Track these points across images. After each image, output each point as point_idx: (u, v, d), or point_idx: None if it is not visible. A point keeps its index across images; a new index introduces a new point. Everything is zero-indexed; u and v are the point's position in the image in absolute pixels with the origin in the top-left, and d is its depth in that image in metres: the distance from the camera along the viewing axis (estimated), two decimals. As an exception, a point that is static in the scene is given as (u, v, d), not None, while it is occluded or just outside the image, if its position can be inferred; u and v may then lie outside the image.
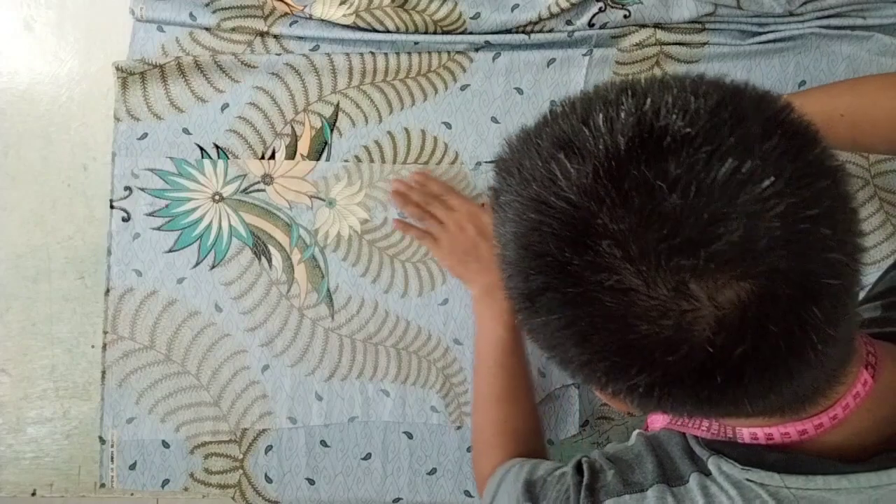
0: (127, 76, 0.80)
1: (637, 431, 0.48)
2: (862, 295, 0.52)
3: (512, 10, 0.80)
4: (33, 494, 0.81)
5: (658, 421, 0.51)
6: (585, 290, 0.29)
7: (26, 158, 0.81)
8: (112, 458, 0.79)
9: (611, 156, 0.28)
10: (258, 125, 0.81)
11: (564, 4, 0.78)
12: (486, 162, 0.82)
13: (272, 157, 0.81)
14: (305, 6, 0.80)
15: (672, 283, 0.27)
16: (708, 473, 0.41)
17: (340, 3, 0.80)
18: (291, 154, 0.81)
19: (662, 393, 0.31)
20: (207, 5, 0.81)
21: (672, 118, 0.28)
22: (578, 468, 0.47)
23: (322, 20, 0.80)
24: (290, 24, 0.81)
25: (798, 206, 0.27)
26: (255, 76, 0.81)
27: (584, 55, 0.81)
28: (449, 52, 0.82)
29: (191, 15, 0.81)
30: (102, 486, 0.80)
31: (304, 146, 0.81)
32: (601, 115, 0.29)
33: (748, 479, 0.39)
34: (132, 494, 0.81)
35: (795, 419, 0.38)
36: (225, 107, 0.81)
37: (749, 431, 0.40)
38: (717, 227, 0.27)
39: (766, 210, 0.27)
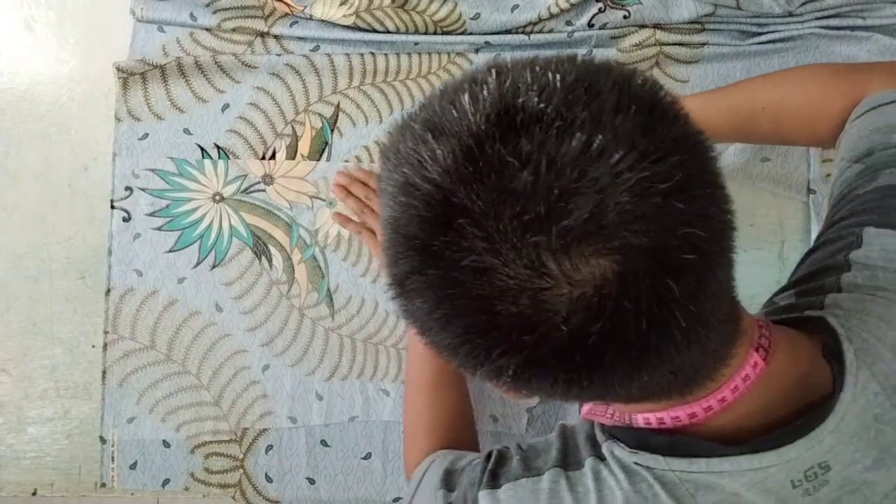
0: (128, 76, 0.80)
1: (560, 422, 0.49)
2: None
3: (512, 10, 0.80)
4: (34, 494, 0.81)
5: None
6: (446, 272, 0.29)
7: (27, 158, 0.81)
8: (112, 457, 0.79)
9: (471, 134, 0.28)
10: (259, 125, 0.81)
11: (564, 5, 0.78)
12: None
13: (273, 157, 0.81)
14: (305, 7, 0.80)
15: (527, 261, 0.27)
16: (603, 458, 0.42)
17: (340, 4, 0.80)
18: (292, 154, 0.81)
19: (529, 375, 0.30)
20: (208, 6, 0.81)
21: (529, 95, 0.28)
22: (489, 456, 0.48)
23: (322, 21, 0.80)
24: (291, 25, 0.82)
25: (650, 180, 0.27)
26: (255, 76, 0.81)
27: (584, 56, 0.80)
28: (449, 54, 0.82)
29: (191, 15, 0.81)
30: (103, 485, 0.80)
31: (304, 146, 0.82)
32: (466, 95, 0.29)
33: (636, 463, 0.40)
34: (133, 494, 0.81)
35: (684, 403, 0.38)
36: (225, 107, 0.81)
37: (643, 416, 0.40)
38: (567, 202, 0.26)
39: (617, 185, 0.27)
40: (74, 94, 0.82)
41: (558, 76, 0.29)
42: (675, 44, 0.81)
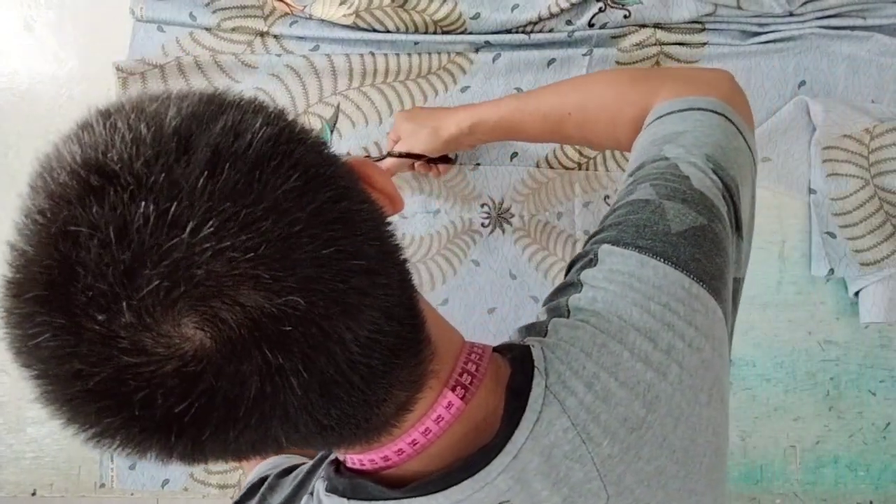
0: (127, 76, 0.80)
1: None
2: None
3: (512, 10, 0.80)
4: (33, 494, 0.81)
5: None
6: (22, 346, 0.26)
7: (26, 158, 0.81)
8: (112, 458, 0.79)
9: (50, 195, 0.25)
10: (258, 125, 0.81)
11: (564, 4, 0.78)
12: (486, 164, 0.82)
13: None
14: (305, 6, 0.80)
15: (100, 338, 0.25)
16: (312, 493, 0.42)
17: (340, 3, 0.80)
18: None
19: (142, 448, 0.28)
20: (207, 5, 0.81)
21: (116, 150, 0.25)
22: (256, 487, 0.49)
23: (322, 20, 0.80)
24: (290, 25, 0.81)
25: (234, 250, 0.25)
26: (255, 77, 0.81)
27: (585, 55, 0.81)
28: (449, 54, 0.82)
29: (191, 15, 0.81)
30: (102, 485, 0.80)
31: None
32: (74, 141, 0.26)
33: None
34: (132, 494, 0.81)
35: (381, 446, 0.36)
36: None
37: (349, 457, 0.39)
38: (136, 277, 0.24)
39: (195, 256, 0.24)
40: (74, 94, 0.82)
41: (152, 128, 0.26)
42: (676, 43, 0.81)
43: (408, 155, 0.72)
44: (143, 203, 0.24)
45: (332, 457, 0.42)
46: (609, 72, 0.61)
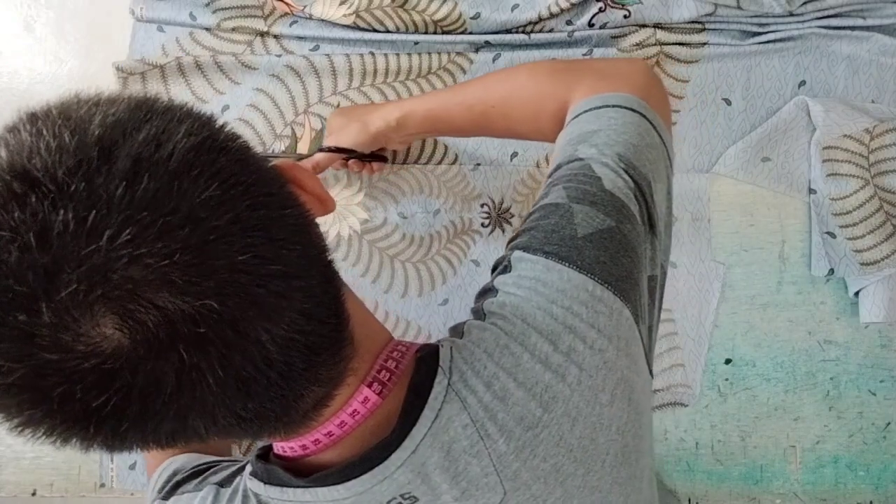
0: (127, 76, 0.80)
1: None
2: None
3: (512, 10, 0.80)
4: (33, 494, 0.81)
5: None
6: None
7: (26, 158, 0.81)
8: (112, 457, 0.79)
9: None
10: (258, 127, 0.81)
11: (564, 4, 0.78)
12: (485, 164, 0.82)
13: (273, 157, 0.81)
14: (305, 6, 0.80)
15: (20, 336, 0.26)
16: (242, 472, 0.44)
17: (340, 3, 0.80)
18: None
19: (65, 437, 0.29)
20: (207, 5, 0.81)
21: (40, 156, 0.26)
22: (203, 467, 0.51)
23: (322, 20, 0.80)
24: (290, 24, 0.81)
25: (150, 256, 0.26)
26: (255, 78, 0.81)
27: (585, 55, 0.81)
28: (449, 54, 0.82)
29: (191, 15, 0.81)
30: (102, 485, 0.80)
31: (303, 148, 0.81)
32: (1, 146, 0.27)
33: (249, 487, 0.41)
34: (132, 494, 0.81)
35: (298, 437, 0.38)
36: (225, 108, 0.81)
37: (276, 444, 0.41)
38: (54, 279, 0.25)
39: (112, 262, 0.25)
40: (74, 94, 0.82)
41: (76, 136, 0.27)
42: (676, 43, 0.81)
43: (337, 150, 0.71)
44: (62, 211, 0.25)
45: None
46: (531, 65, 0.61)
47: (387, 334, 0.43)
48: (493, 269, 0.46)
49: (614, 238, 0.43)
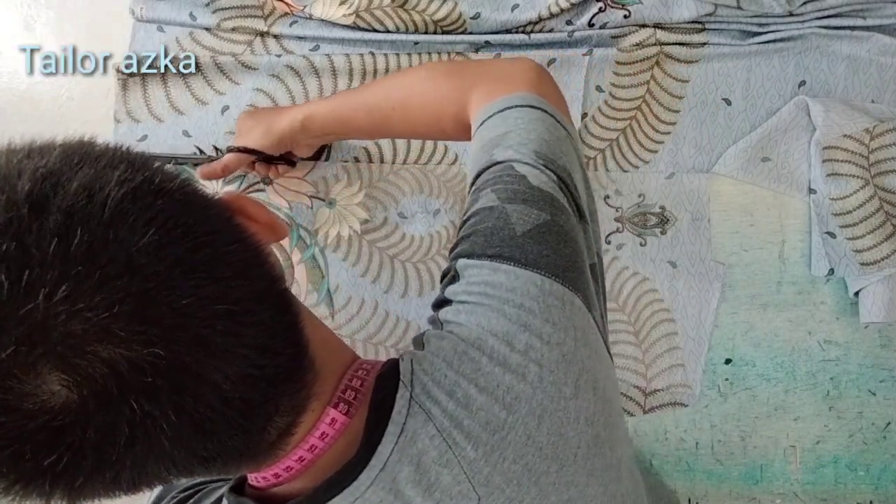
0: (127, 77, 0.80)
1: None
2: None
3: (512, 10, 0.80)
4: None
5: None
6: None
7: (26, 159, 0.81)
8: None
9: None
10: (258, 125, 0.81)
11: (564, 4, 0.78)
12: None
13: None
14: (305, 6, 0.80)
15: None
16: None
17: (340, 3, 0.80)
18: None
19: (25, 493, 0.28)
20: (207, 5, 0.81)
21: None
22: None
23: (322, 20, 0.80)
24: (290, 24, 0.81)
25: (89, 310, 0.25)
26: (255, 78, 0.81)
27: (585, 55, 0.81)
28: (449, 54, 0.82)
29: (191, 15, 0.81)
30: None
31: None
32: None
33: None
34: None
35: (268, 467, 0.37)
36: (225, 109, 0.81)
37: (251, 475, 0.40)
38: None
39: (51, 318, 0.25)
40: (74, 94, 0.82)
41: (5, 193, 0.27)
42: (676, 43, 0.81)
43: (244, 150, 0.71)
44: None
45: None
46: (427, 67, 0.62)
47: (350, 354, 0.43)
48: (442, 280, 0.46)
49: (552, 231, 0.43)
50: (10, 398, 0.25)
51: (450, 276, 0.44)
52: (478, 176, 0.48)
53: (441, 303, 0.44)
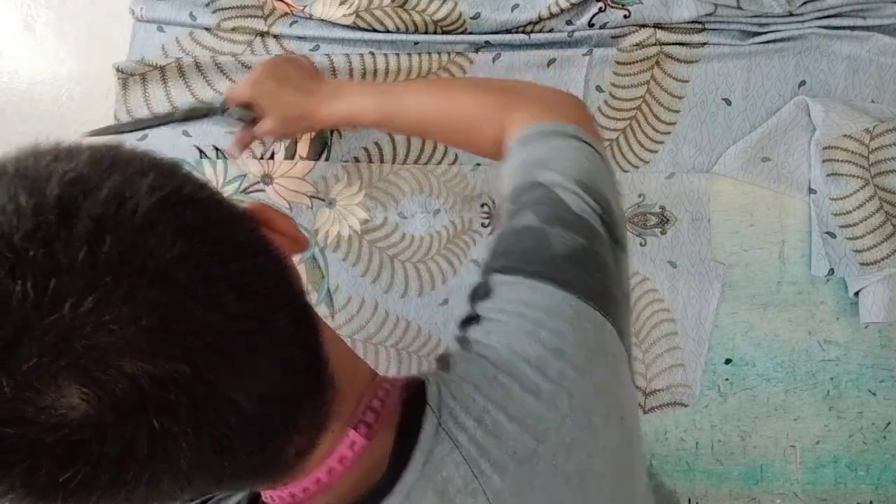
0: (127, 77, 0.80)
1: None
2: None
3: (512, 10, 0.80)
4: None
5: None
6: None
7: (26, 159, 0.81)
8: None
9: None
10: (258, 125, 0.81)
11: (564, 4, 0.78)
12: (486, 164, 0.82)
13: (271, 157, 0.81)
14: (305, 6, 0.80)
15: None
16: None
17: (340, 3, 0.80)
18: (290, 155, 0.81)
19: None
20: (207, 5, 0.81)
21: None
22: None
23: (322, 20, 0.80)
24: (290, 24, 0.81)
25: (115, 322, 0.25)
26: (255, 76, 0.81)
27: (585, 55, 0.81)
28: (449, 54, 0.82)
29: (191, 15, 0.81)
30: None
31: (303, 148, 0.81)
32: None
33: None
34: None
35: (284, 486, 0.37)
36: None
37: (266, 493, 0.39)
38: (17, 352, 0.24)
39: (77, 329, 0.24)
40: (74, 94, 0.82)
41: (33, 198, 0.26)
42: (676, 43, 0.81)
43: (247, 109, 0.69)
44: (21, 280, 0.24)
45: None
46: (472, 83, 0.62)
47: (369, 371, 0.42)
48: (472, 296, 0.45)
49: (589, 257, 0.43)
50: (29, 410, 0.25)
51: (483, 292, 0.44)
52: (515, 192, 0.48)
53: (470, 319, 0.44)
